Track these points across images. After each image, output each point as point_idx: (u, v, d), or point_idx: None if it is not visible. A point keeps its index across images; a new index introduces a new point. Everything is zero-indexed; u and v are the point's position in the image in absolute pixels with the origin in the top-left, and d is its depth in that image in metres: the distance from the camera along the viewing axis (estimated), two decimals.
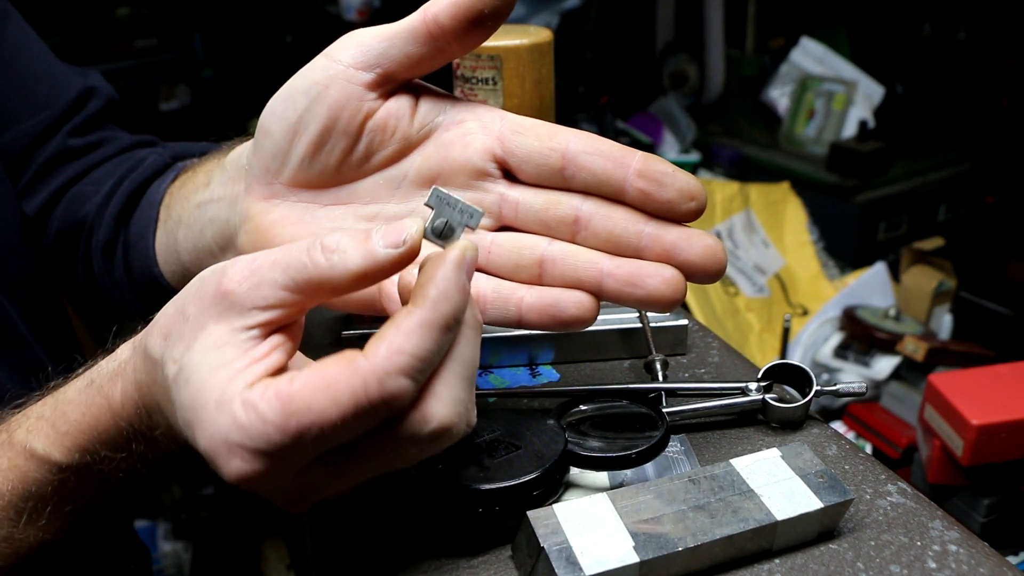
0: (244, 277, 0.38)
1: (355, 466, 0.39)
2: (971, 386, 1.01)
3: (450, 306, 0.37)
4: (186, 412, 0.38)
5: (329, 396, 0.35)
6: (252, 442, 0.36)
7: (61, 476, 0.45)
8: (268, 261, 0.39)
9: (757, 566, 0.42)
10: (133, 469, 0.45)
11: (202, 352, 0.38)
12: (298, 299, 0.38)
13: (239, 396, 0.36)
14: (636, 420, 0.48)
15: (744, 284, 1.86)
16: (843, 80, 2.27)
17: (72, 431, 0.44)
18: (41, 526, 0.46)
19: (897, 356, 1.55)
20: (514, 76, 0.66)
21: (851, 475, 0.48)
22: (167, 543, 1.86)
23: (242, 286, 0.38)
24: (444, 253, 0.38)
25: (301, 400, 0.35)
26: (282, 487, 0.39)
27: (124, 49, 2.61)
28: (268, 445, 0.36)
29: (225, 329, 0.38)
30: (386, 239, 0.38)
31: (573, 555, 0.38)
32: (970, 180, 2.26)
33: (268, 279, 0.38)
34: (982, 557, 0.42)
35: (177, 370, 0.38)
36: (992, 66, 2.20)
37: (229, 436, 0.36)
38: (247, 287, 0.38)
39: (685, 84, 2.56)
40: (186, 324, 0.39)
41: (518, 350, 0.59)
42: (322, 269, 0.38)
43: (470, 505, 0.42)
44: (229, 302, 0.38)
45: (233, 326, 0.38)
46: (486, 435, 0.45)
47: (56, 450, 0.44)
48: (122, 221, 0.69)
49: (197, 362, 0.38)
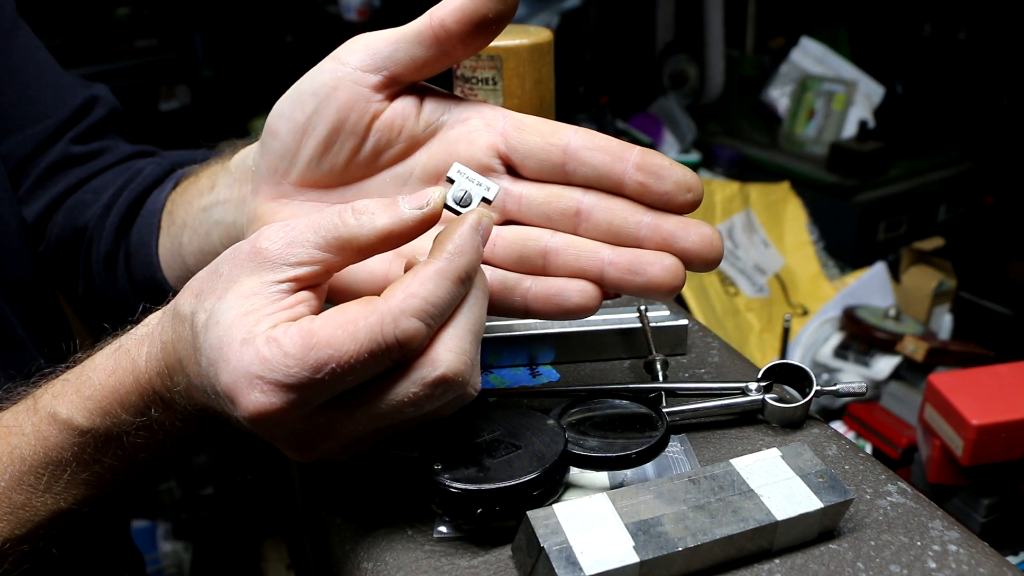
0: (280, 237, 0.41)
1: (364, 410, 0.41)
2: (971, 386, 1.01)
3: (465, 261, 0.40)
4: (212, 352, 0.40)
5: (348, 332, 0.38)
6: (272, 374, 0.38)
7: (81, 440, 0.46)
8: (302, 224, 0.41)
9: (757, 566, 0.42)
10: (151, 435, 0.47)
11: (232, 299, 0.40)
12: (329, 258, 0.41)
13: (264, 334, 0.39)
14: (636, 420, 0.48)
15: (744, 284, 1.86)
16: (843, 80, 2.27)
17: (95, 395, 0.46)
18: (58, 492, 0.48)
19: (897, 356, 1.55)
20: (514, 76, 0.66)
21: (851, 475, 0.48)
22: (167, 543, 1.86)
23: (276, 244, 0.41)
24: (463, 216, 0.41)
25: (321, 335, 0.38)
26: (293, 427, 0.41)
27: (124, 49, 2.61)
28: (287, 377, 0.38)
29: (257, 281, 0.41)
30: (411, 202, 0.41)
31: (573, 555, 0.38)
32: (970, 180, 2.26)
33: (301, 238, 0.41)
34: (982, 557, 0.42)
35: (207, 317, 0.41)
36: (992, 66, 2.20)
37: (251, 369, 0.38)
38: (281, 245, 0.41)
39: (685, 84, 2.56)
40: (219, 280, 0.42)
41: (518, 350, 0.59)
42: (352, 228, 0.41)
43: (470, 505, 0.42)
44: (263, 258, 0.41)
45: (265, 279, 0.41)
46: (486, 435, 0.45)
47: (79, 414, 0.46)
48: (123, 231, 0.70)
49: (227, 307, 0.40)
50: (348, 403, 0.41)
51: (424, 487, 0.44)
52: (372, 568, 0.44)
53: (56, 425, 0.47)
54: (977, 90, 2.25)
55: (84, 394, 0.46)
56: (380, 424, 0.42)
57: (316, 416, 0.41)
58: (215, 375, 0.40)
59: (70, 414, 0.46)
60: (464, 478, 0.42)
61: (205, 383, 0.41)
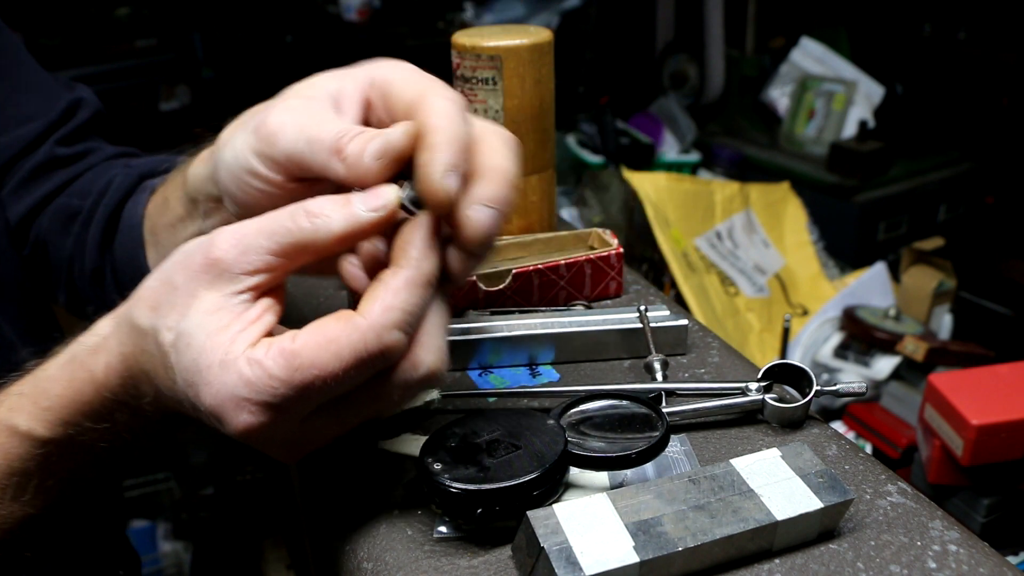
0: (231, 245, 0.41)
1: (351, 413, 0.42)
2: (971, 386, 1.01)
3: (429, 265, 0.41)
4: (188, 375, 0.40)
5: (331, 351, 0.39)
6: (259, 395, 0.39)
7: (44, 451, 0.46)
8: (253, 229, 0.41)
9: (757, 566, 0.42)
10: (116, 438, 0.47)
11: (198, 317, 0.40)
12: (284, 263, 0.41)
13: (243, 355, 0.39)
14: (636, 420, 0.48)
15: (744, 284, 1.86)
16: (843, 80, 2.27)
17: (54, 405, 0.46)
18: (26, 501, 0.48)
19: (897, 356, 1.55)
20: (514, 76, 0.66)
21: (851, 475, 0.48)
22: (167, 543, 1.86)
23: (230, 254, 0.40)
24: (421, 219, 0.41)
25: (305, 356, 0.38)
26: (283, 438, 0.42)
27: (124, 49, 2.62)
28: (274, 398, 0.39)
29: (217, 295, 0.40)
30: (366, 203, 0.41)
31: (573, 555, 0.38)
32: (970, 180, 2.26)
33: (255, 245, 0.40)
34: (982, 557, 0.42)
35: (175, 336, 0.40)
36: (992, 66, 2.20)
37: (236, 391, 0.39)
38: (235, 254, 0.40)
39: (685, 84, 2.56)
40: (176, 293, 0.41)
41: (518, 350, 0.59)
42: (306, 232, 0.40)
43: (470, 505, 0.42)
44: (219, 269, 0.40)
45: (224, 292, 0.41)
46: (486, 435, 0.45)
47: (39, 425, 0.46)
48: (105, 246, 0.71)
49: (195, 327, 0.40)
50: (334, 410, 0.42)
51: (424, 487, 0.44)
52: (372, 568, 0.44)
53: (17, 437, 0.46)
54: (977, 90, 2.25)
55: (42, 405, 0.46)
56: (366, 419, 0.43)
57: (304, 425, 0.41)
58: (196, 395, 0.40)
59: (30, 426, 0.46)
60: (464, 478, 0.42)
61: (183, 398, 0.41)
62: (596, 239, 0.69)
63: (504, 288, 0.64)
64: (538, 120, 0.68)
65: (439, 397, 0.54)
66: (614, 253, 0.66)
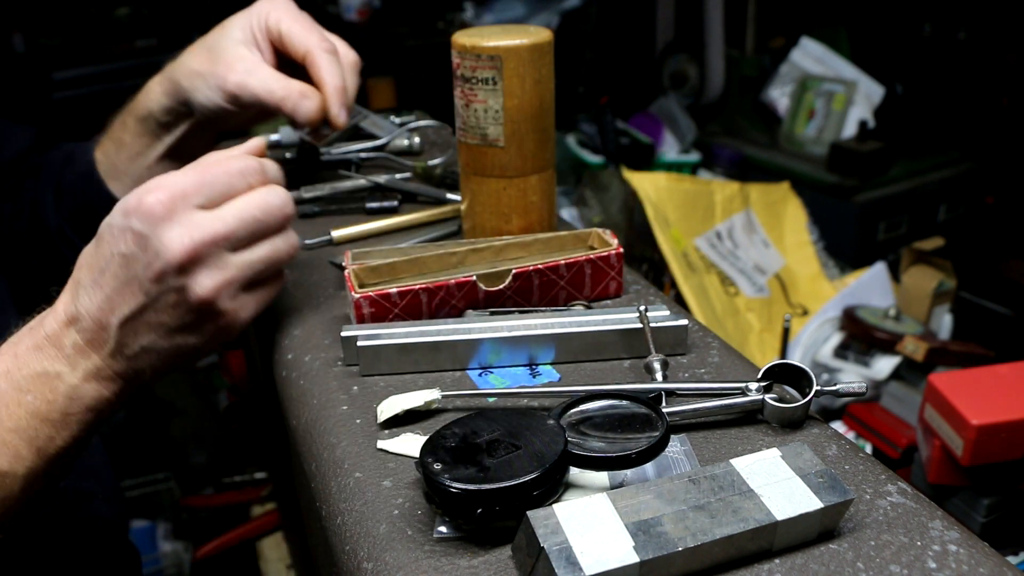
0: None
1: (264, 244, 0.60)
2: (971, 386, 1.01)
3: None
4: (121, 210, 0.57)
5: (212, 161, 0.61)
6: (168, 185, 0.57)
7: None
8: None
9: (757, 566, 0.42)
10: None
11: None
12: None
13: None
14: (636, 420, 0.48)
15: (744, 284, 1.86)
16: (843, 80, 2.27)
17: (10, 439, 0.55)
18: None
19: (897, 356, 1.55)
20: (514, 76, 0.66)
21: (851, 475, 0.48)
22: (167, 543, 1.86)
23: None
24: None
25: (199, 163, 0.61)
26: (225, 277, 0.58)
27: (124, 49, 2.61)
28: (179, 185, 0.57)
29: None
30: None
31: (573, 555, 0.38)
32: (970, 180, 2.26)
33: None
34: (982, 557, 0.42)
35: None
36: (992, 66, 2.20)
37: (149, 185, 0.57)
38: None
39: (685, 84, 2.56)
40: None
41: (518, 350, 0.59)
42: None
43: (470, 505, 0.42)
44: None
45: None
46: (486, 435, 0.45)
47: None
48: (58, 205, 0.87)
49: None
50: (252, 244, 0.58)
51: (424, 487, 0.44)
52: (372, 568, 0.44)
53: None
54: (977, 90, 2.25)
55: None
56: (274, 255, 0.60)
57: (235, 258, 0.57)
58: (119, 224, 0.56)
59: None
60: (464, 478, 0.42)
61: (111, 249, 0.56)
62: (596, 239, 0.69)
63: (504, 288, 0.64)
64: (538, 120, 0.68)
65: (439, 397, 0.54)
66: (614, 253, 0.66)
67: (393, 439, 0.52)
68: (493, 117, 0.67)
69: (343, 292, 0.70)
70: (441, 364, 0.59)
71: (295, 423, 0.59)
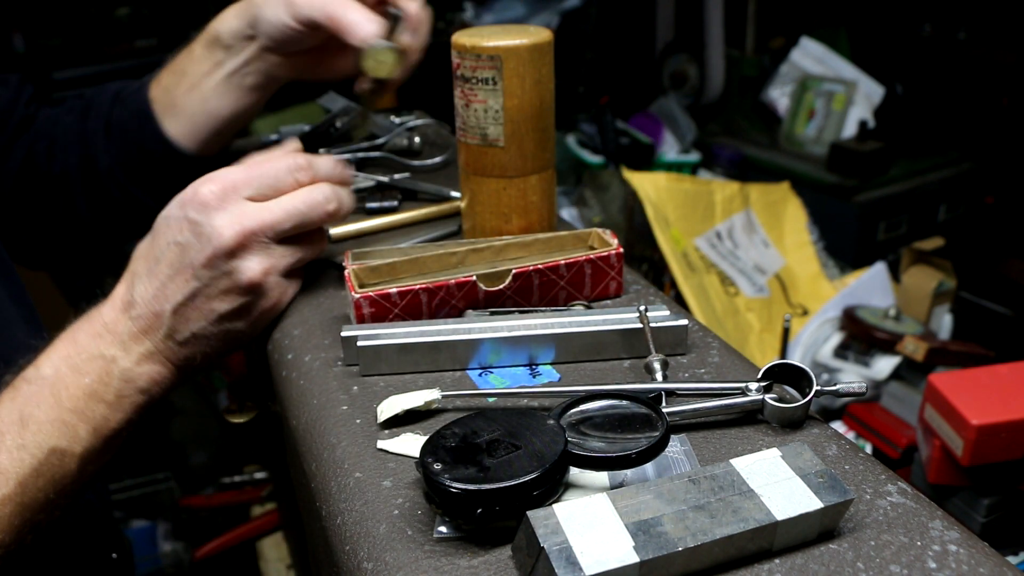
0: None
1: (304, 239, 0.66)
2: (971, 386, 1.01)
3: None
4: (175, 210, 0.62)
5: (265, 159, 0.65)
6: (223, 177, 0.62)
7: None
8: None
9: (757, 566, 0.42)
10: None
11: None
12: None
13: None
14: (636, 420, 0.48)
15: (744, 284, 1.86)
16: (843, 80, 2.27)
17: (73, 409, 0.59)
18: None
19: (897, 356, 1.55)
20: (514, 76, 0.66)
21: (851, 475, 0.48)
22: (167, 543, 1.86)
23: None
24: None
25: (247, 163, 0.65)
26: (270, 263, 0.63)
27: (124, 49, 2.61)
28: (232, 179, 0.62)
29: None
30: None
31: (573, 555, 0.38)
32: (970, 180, 2.25)
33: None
34: (982, 557, 0.42)
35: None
36: (992, 66, 2.20)
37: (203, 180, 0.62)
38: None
39: (685, 84, 2.56)
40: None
41: (518, 350, 0.59)
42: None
43: (470, 505, 0.42)
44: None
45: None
46: (486, 435, 0.45)
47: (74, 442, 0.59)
48: (108, 149, 0.86)
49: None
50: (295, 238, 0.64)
51: (424, 487, 0.44)
52: (372, 568, 0.44)
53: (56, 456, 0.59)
54: (977, 90, 2.25)
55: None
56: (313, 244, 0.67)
57: (281, 248, 0.63)
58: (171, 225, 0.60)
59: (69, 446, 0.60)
60: (464, 478, 0.42)
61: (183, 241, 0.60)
62: (596, 239, 0.69)
63: (504, 288, 0.64)
64: (538, 120, 0.68)
65: (439, 397, 0.54)
66: (614, 253, 0.66)
67: (393, 439, 0.52)
68: (493, 117, 0.67)
69: (343, 292, 0.70)
70: (441, 364, 0.59)
71: (295, 423, 0.59)
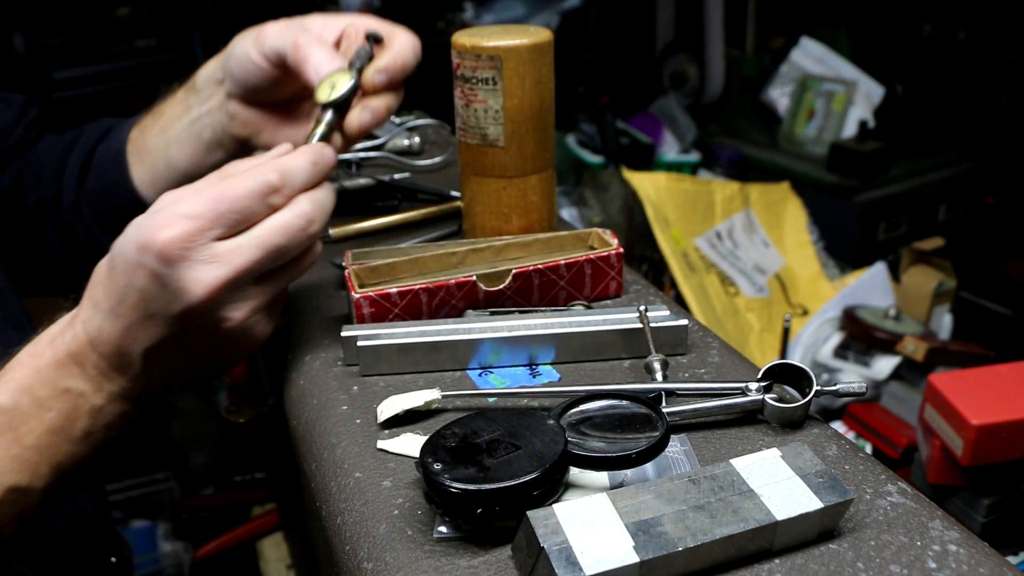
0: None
1: (283, 270, 0.59)
2: (971, 386, 1.01)
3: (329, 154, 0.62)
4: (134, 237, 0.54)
5: (236, 180, 0.56)
6: (193, 208, 0.55)
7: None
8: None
9: (757, 566, 0.42)
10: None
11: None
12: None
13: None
14: (636, 420, 0.48)
15: (744, 284, 1.86)
16: (843, 80, 2.27)
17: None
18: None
19: (897, 356, 1.55)
20: (514, 76, 0.66)
21: (851, 475, 0.48)
22: (167, 543, 1.86)
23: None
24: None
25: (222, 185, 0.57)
26: (245, 298, 0.56)
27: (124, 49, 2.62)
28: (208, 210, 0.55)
29: None
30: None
31: (573, 555, 0.38)
32: (970, 180, 2.26)
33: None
34: (982, 557, 0.42)
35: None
36: (992, 66, 2.20)
37: (173, 211, 0.55)
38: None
39: (685, 84, 2.56)
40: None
41: (518, 350, 0.59)
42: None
43: (470, 505, 0.42)
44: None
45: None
46: (486, 435, 0.45)
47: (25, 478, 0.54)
48: (81, 182, 0.83)
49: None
50: (274, 272, 0.56)
51: (424, 487, 0.44)
52: (372, 568, 0.44)
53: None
54: (977, 90, 2.25)
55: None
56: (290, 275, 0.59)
57: (258, 287, 0.55)
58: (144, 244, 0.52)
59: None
60: (464, 478, 0.42)
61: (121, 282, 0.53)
62: (596, 239, 0.69)
63: (504, 288, 0.64)
64: (538, 120, 0.68)
65: (439, 397, 0.54)
66: (614, 253, 0.66)
67: (393, 439, 0.52)
68: (493, 117, 0.67)
69: (343, 292, 0.70)
70: (441, 364, 0.59)
71: (295, 423, 0.59)
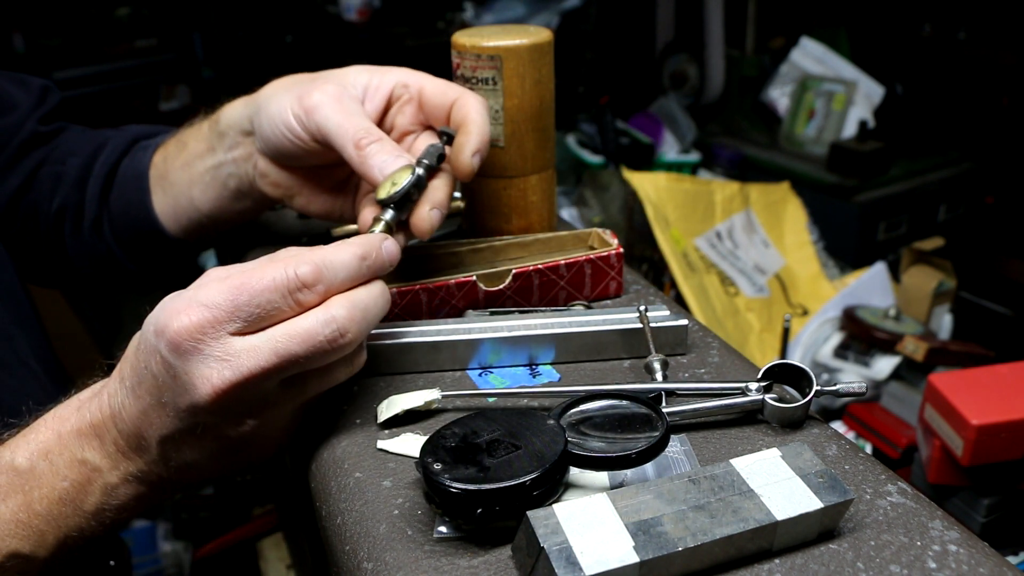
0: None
1: (313, 376, 0.52)
2: (971, 386, 1.01)
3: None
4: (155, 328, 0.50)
5: (259, 275, 0.49)
6: (208, 300, 0.50)
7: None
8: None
9: (757, 566, 0.42)
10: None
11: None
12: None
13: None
14: (636, 420, 0.48)
15: (744, 284, 1.86)
16: (843, 80, 2.27)
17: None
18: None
19: (897, 356, 1.55)
20: (514, 76, 0.66)
21: (851, 475, 0.48)
22: (167, 543, 1.86)
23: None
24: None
25: (242, 279, 0.50)
26: (262, 397, 0.51)
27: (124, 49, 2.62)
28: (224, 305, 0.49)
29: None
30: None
31: (573, 555, 0.38)
32: (970, 180, 2.26)
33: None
34: (982, 557, 0.42)
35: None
36: (992, 66, 2.20)
37: (191, 302, 0.49)
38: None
39: (685, 84, 2.56)
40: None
41: (518, 350, 0.59)
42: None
43: (470, 505, 0.42)
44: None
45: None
46: (486, 435, 0.45)
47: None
48: (104, 199, 0.79)
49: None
50: (301, 377, 0.50)
51: (424, 487, 0.44)
52: (372, 568, 0.44)
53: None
54: (977, 90, 2.25)
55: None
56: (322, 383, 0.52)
57: (282, 391, 0.50)
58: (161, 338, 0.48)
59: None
60: (464, 478, 0.42)
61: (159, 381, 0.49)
62: (596, 239, 0.69)
63: (504, 288, 0.64)
64: (538, 120, 0.68)
65: (439, 397, 0.54)
66: (614, 253, 0.66)
67: (393, 439, 0.52)
68: (493, 117, 0.67)
69: None
70: (441, 364, 0.59)
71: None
